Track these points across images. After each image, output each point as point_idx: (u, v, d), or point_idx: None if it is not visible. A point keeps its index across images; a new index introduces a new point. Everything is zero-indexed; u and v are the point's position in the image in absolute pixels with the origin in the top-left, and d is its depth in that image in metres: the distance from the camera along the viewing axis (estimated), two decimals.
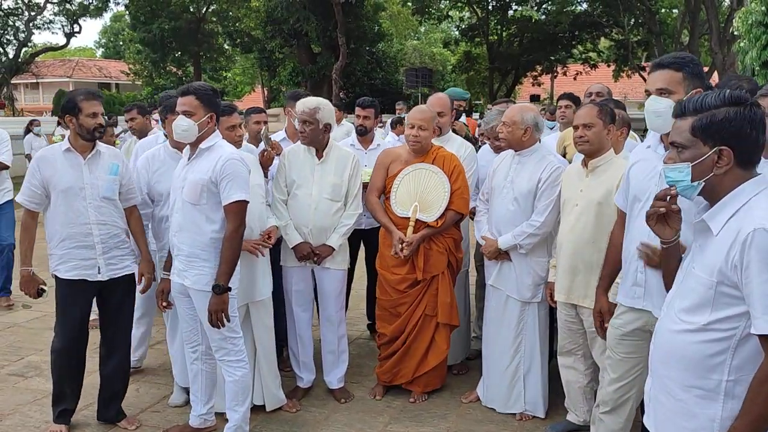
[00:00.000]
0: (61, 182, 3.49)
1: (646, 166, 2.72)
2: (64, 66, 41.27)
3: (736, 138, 1.85)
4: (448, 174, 4.01)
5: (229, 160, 3.30)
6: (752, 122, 1.85)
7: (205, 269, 3.34)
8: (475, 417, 3.94)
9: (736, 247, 1.78)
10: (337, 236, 4.01)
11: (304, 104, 3.98)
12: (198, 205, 3.33)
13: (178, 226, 3.40)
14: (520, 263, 3.80)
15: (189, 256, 3.37)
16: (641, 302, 2.71)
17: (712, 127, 1.86)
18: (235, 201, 3.28)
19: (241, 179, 3.31)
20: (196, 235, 3.36)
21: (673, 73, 2.59)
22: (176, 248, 3.43)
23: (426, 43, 38.76)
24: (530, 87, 32.08)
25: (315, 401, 4.16)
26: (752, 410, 1.77)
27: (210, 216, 3.34)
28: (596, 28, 27.54)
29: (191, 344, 3.61)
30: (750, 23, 9.67)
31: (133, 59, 32.67)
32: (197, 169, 3.34)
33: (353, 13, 23.34)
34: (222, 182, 3.28)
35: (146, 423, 3.88)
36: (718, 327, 1.84)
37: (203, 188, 3.30)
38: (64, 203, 3.50)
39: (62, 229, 3.51)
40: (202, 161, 3.35)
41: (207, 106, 3.36)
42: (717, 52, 18.81)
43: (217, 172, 3.28)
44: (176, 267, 3.45)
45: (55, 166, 3.51)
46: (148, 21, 27.30)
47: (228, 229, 3.30)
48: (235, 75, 39.61)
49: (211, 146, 3.37)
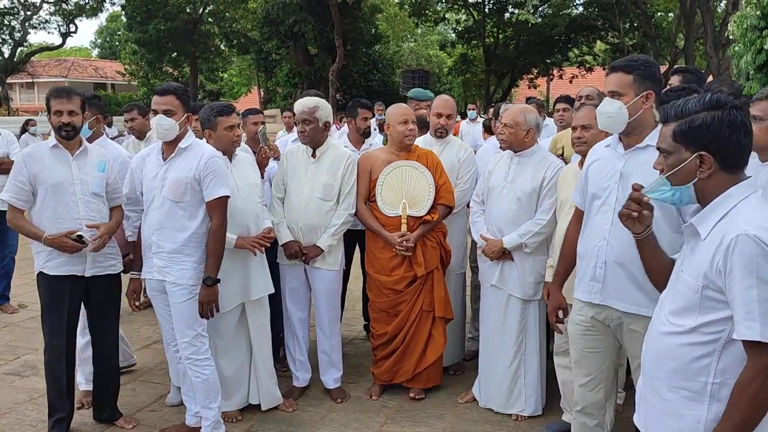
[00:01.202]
0: (51, 178, 3.45)
1: (605, 165, 2.79)
2: (59, 66, 41.17)
3: (715, 142, 1.86)
4: (431, 169, 4.07)
5: (211, 158, 3.43)
6: (732, 125, 1.85)
7: (188, 264, 3.43)
8: (472, 417, 3.95)
9: (721, 252, 1.80)
10: (326, 237, 4.01)
11: (303, 104, 4.01)
12: (181, 202, 3.41)
13: (158, 224, 3.45)
14: (522, 262, 3.81)
15: (171, 253, 3.43)
16: (599, 297, 2.75)
17: (691, 132, 1.89)
18: (218, 197, 3.41)
19: (223, 176, 3.45)
20: (178, 232, 3.42)
21: (623, 76, 2.67)
22: (156, 246, 3.46)
23: (422, 45, 38.85)
24: (526, 90, 32.14)
25: (312, 401, 4.16)
26: (734, 414, 1.79)
27: (192, 213, 3.43)
28: (592, 31, 27.63)
29: (173, 342, 3.65)
30: (745, 27, 9.70)
31: (129, 60, 32.60)
32: (178, 168, 3.42)
33: (350, 15, 23.35)
34: (205, 179, 3.39)
35: (143, 422, 3.88)
36: (704, 330, 1.86)
37: (187, 186, 3.39)
38: (54, 199, 3.46)
39: (51, 225, 3.46)
40: (182, 160, 3.43)
41: (185, 106, 3.47)
42: (712, 55, 18.87)
43: (200, 169, 3.39)
44: (155, 265, 3.47)
45: (44, 163, 3.48)
46: (145, 21, 27.26)
47: (213, 224, 3.42)
48: (231, 76, 39.58)
49: (189, 145, 3.46)
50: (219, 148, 3.69)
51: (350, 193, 4.07)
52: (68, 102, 3.46)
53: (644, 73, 2.65)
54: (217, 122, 3.72)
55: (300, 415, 3.97)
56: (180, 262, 3.42)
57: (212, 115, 3.75)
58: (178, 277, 3.42)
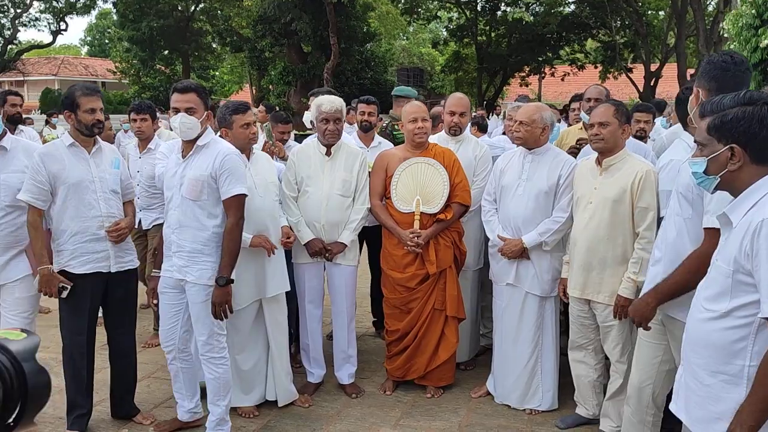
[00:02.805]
0: (71, 176, 3.47)
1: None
2: (49, 64, 40.89)
3: (745, 135, 1.98)
4: (447, 167, 4.09)
5: (227, 155, 3.38)
6: (762, 121, 1.96)
7: (208, 264, 3.40)
8: (486, 411, 4.00)
9: (748, 236, 1.90)
10: (348, 232, 4.06)
11: (333, 103, 4.04)
12: (199, 201, 3.38)
13: (178, 223, 3.43)
14: (540, 260, 3.85)
15: (192, 252, 3.41)
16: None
17: (723, 126, 2.01)
18: (235, 195, 3.37)
19: (239, 173, 3.41)
20: (197, 231, 3.40)
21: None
22: (176, 245, 3.45)
23: (414, 43, 38.86)
24: (518, 88, 32.24)
25: (326, 396, 4.20)
26: (758, 391, 1.87)
27: (211, 211, 3.40)
28: (583, 29, 27.76)
29: (167, 342, 3.62)
30: (740, 26, 9.80)
31: (120, 57, 32.41)
32: (196, 166, 3.39)
33: (344, 13, 23.31)
34: (221, 177, 3.35)
35: (160, 419, 3.89)
36: (737, 314, 1.95)
37: (204, 184, 3.36)
38: (75, 197, 3.47)
39: (73, 223, 3.48)
40: (200, 158, 3.41)
41: (205, 103, 3.45)
42: (704, 53, 19.00)
43: (216, 167, 3.35)
44: (175, 264, 3.46)
45: (63, 162, 3.48)
46: (137, 19, 27.12)
47: (229, 223, 3.38)
48: (223, 74, 39.44)
49: (207, 143, 3.43)
50: (236, 146, 3.68)
51: (364, 189, 4.12)
52: (98, 100, 3.52)
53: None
54: (232, 120, 3.74)
55: (316, 410, 4.01)
56: (200, 261, 3.40)
57: (228, 114, 3.77)
58: (198, 277, 3.40)
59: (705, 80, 2.58)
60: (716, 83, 2.54)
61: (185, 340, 3.61)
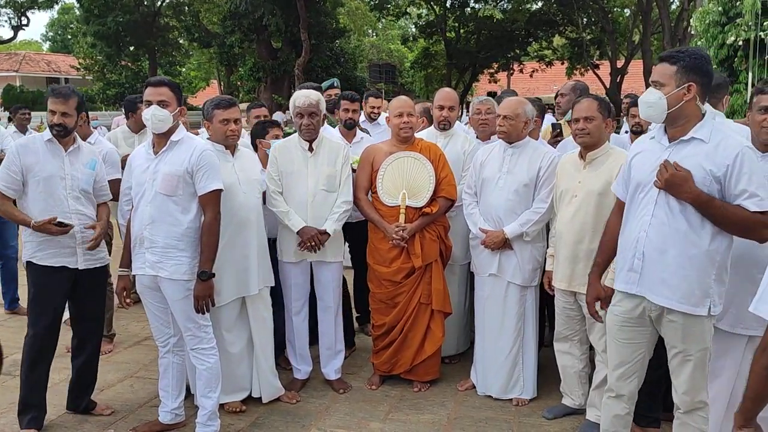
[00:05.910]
0: (44, 170, 3.53)
1: (648, 156, 2.79)
2: (10, 60, 39.82)
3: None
4: (433, 162, 4.11)
5: (204, 151, 3.43)
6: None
7: (182, 259, 3.41)
8: (473, 404, 4.04)
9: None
10: (331, 222, 4.02)
11: (309, 97, 4.01)
12: (174, 196, 3.39)
13: (150, 218, 3.42)
14: (522, 250, 3.92)
15: (165, 248, 3.41)
16: (635, 288, 2.78)
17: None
18: (212, 190, 3.40)
19: (215, 169, 3.44)
20: (171, 226, 3.41)
21: (667, 66, 2.68)
22: (148, 241, 3.43)
23: (384, 40, 38.85)
24: (487, 84, 32.48)
25: (314, 392, 4.20)
26: (752, 386, 1.95)
27: (186, 206, 3.42)
28: (551, 26, 28.03)
29: (161, 337, 3.64)
30: (707, 23, 10.06)
31: (84, 53, 31.76)
32: (171, 161, 3.41)
33: (314, 9, 23.24)
34: (198, 173, 3.38)
35: (143, 419, 3.84)
36: None
37: (180, 180, 3.38)
38: (45, 191, 3.54)
39: (41, 216, 3.51)
40: (174, 153, 3.42)
41: (178, 99, 3.48)
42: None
43: (193, 162, 3.38)
44: (147, 260, 3.44)
45: (38, 155, 3.55)
46: (102, 14, 26.55)
47: (207, 218, 3.41)
48: (190, 70, 38.94)
49: (180, 138, 3.46)
50: (214, 140, 3.75)
51: (347, 182, 4.11)
52: (63, 104, 3.55)
53: (689, 64, 2.64)
54: (213, 114, 3.76)
55: (304, 406, 4.01)
56: (174, 257, 3.40)
57: (210, 107, 3.81)
58: (173, 272, 3.40)
59: (698, 75, 2.64)
60: (707, 78, 2.64)
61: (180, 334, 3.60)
